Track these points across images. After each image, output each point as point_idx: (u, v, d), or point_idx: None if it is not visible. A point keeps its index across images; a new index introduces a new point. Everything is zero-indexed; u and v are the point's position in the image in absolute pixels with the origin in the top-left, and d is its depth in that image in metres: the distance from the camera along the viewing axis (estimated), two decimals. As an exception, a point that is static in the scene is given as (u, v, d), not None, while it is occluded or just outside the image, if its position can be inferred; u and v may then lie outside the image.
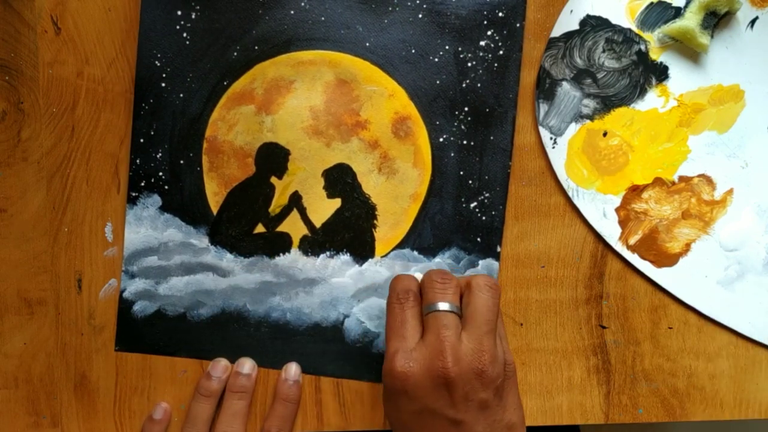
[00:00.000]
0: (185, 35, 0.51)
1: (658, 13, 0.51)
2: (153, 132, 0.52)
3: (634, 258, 0.53)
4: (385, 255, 0.53)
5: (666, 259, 0.53)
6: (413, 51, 0.52)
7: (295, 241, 0.53)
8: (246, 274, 0.53)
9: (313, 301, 0.53)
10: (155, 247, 0.53)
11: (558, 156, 0.52)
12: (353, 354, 0.53)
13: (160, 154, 0.52)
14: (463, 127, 0.52)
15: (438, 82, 0.52)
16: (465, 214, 0.53)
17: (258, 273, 0.53)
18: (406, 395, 0.43)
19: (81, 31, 0.51)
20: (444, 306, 0.45)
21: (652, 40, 0.52)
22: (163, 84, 0.52)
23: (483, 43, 0.51)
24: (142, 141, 0.52)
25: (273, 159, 0.52)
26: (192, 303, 0.53)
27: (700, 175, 0.53)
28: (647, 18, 0.51)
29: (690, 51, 0.52)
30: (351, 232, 0.53)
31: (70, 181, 0.52)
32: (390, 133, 0.52)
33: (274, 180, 0.53)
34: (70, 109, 0.52)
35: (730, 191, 0.53)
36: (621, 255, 0.53)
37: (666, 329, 0.54)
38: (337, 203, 0.53)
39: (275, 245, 0.53)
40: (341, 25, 0.51)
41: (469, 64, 0.52)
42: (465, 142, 0.52)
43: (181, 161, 0.52)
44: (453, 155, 0.52)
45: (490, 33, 0.51)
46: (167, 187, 0.53)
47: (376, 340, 0.53)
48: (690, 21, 0.50)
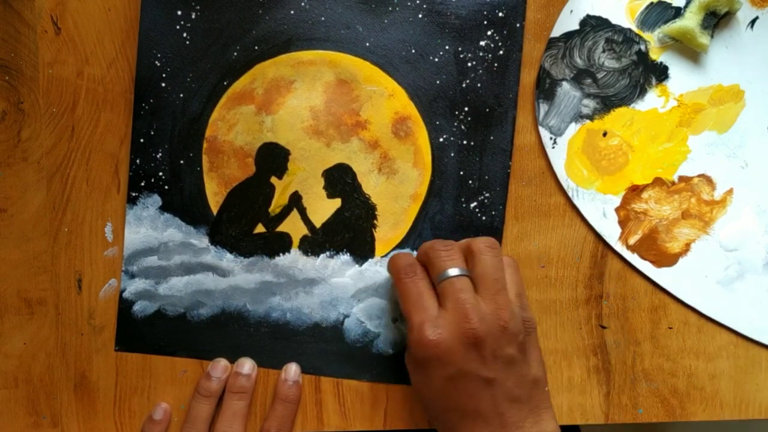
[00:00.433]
0: (185, 35, 0.51)
1: (658, 13, 0.51)
2: (153, 132, 0.52)
3: (634, 258, 0.53)
4: (385, 255, 0.53)
5: (666, 259, 0.53)
6: (413, 51, 0.52)
7: (295, 241, 0.53)
8: (246, 274, 0.53)
9: (313, 301, 0.53)
10: (155, 247, 0.53)
11: (558, 156, 0.52)
12: (353, 354, 0.53)
13: (160, 154, 0.52)
14: (463, 127, 0.52)
15: (438, 82, 0.52)
16: (465, 214, 0.53)
17: (258, 273, 0.53)
18: (438, 362, 0.45)
19: (81, 31, 0.51)
20: (455, 271, 0.46)
21: (652, 40, 0.52)
22: (163, 84, 0.52)
23: (483, 43, 0.51)
24: (142, 141, 0.52)
25: (273, 159, 0.52)
26: (192, 303, 0.53)
27: (700, 175, 0.53)
28: (647, 18, 0.51)
29: (690, 51, 0.52)
30: (351, 232, 0.53)
31: (70, 181, 0.52)
32: (390, 133, 0.52)
33: (274, 180, 0.53)
34: (70, 109, 0.52)
35: (730, 191, 0.53)
36: (621, 255, 0.53)
37: (666, 329, 0.54)
38: (337, 203, 0.53)
39: (275, 245, 0.53)
40: (341, 25, 0.51)
41: (469, 64, 0.52)
42: (465, 142, 0.52)
43: (181, 161, 0.52)
44: (453, 155, 0.52)
45: (490, 33, 0.51)
46: (167, 187, 0.53)
47: (376, 340, 0.53)
48: (690, 21, 0.50)
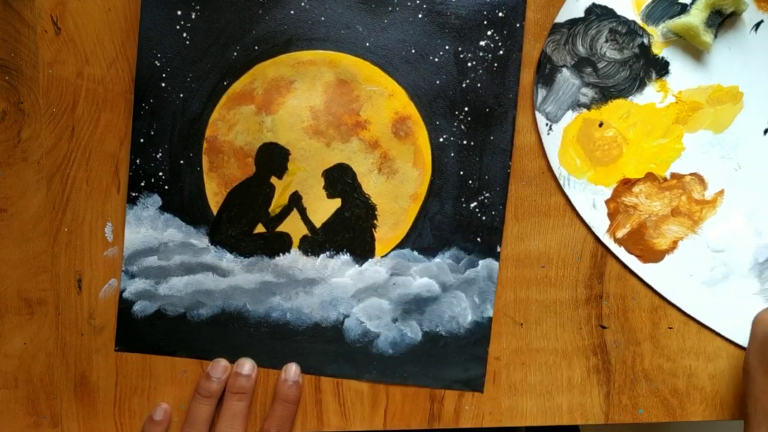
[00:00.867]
0: (185, 35, 0.51)
1: (663, 8, 0.51)
2: (153, 132, 0.52)
3: (620, 251, 0.53)
4: (385, 255, 0.53)
5: (652, 255, 0.53)
6: (413, 51, 0.52)
7: (295, 241, 0.53)
8: (246, 274, 0.53)
9: (313, 301, 0.53)
10: (155, 247, 0.53)
11: (552, 143, 0.52)
12: (353, 354, 0.53)
13: (160, 154, 0.52)
14: (463, 127, 0.52)
15: (438, 82, 0.52)
16: (465, 214, 0.53)
17: (258, 273, 0.53)
18: None
19: (81, 31, 0.51)
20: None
21: (655, 34, 0.52)
22: (163, 84, 0.52)
23: (483, 43, 0.51)
24: (142, 141, 0.52)
25: (273, 159, 0.52)
26: (192, 303, 0.53)
27: (692, 174, 0.53)
28: (653, 12, 0.51)
29: (692, 48, 0.52)
30: (351, 232, 0.53)
31: (70, 181, 0.52)
32: (390, 133, 0.52)
33: (274, 180, 0.53)
34: (70, 109, 0.52)
35: (721, 192, 0.53)
36: (607, 247, 0.53)
37: (666, 329, 0.54)
38: (337, 203, 0.53)
39: (275, 245, 0.53)
40: (341, 25, 0.51)
41: (469, 64, 0.52)
42: (465, 142, 0.52)
43: (181, 161, 0.52)
44: (453, 155, 0.52)
45: (490, 33, 0.51)
46: (167, 187, 0.53)
47: (376, 340, 0.53)
48: (695, 18, 0.50)
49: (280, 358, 0.53)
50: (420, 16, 0.51)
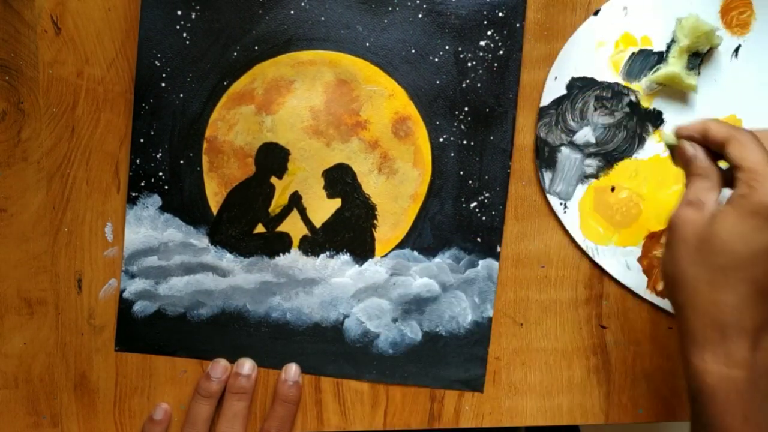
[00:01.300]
0: (185, 35, 0.51)
1: (641, 62, 0.51)
2: (153, 132, 0.52)
3: (665, 304, 0.53)
4: (385, 255, 0.53)
5: None
6: (413, 51, 0.52)
7: (295, 241, 0.53)
8: (246, 274, 0.53)
9: (313, 301, 0.53)
10: (155, 247, 0.53)
11: (571, 220, 0.52)
12: (353, 354, 0.53)
13: (160, 154, 0.52)
14: (463, 127, 0.52)
15: (438, 82, 0.52)
16: (465, 214, 0.53)
17: (258, 273, 0.53)
18: None
19: (81, 31, 0.51)
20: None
21: (640, 89, 0.52)
22: (163, 84, 0.52)
23: (483, 43, 0.51)
24: (142, 141, 0.52)
25: (273, 159, 0.52)
26: (192, 303, 0.53)
27: None
28: (632, 69, 0.52)
29: (680, 92, 0.52)
30: (351, 232, 0.53)
31: (70, 181, 0.52)
32: (390, 133, 0.52)
33: (274, 180, 0.53)
34: (70, 109, 0.52)
35: None
36: (652, 303, 0.53)
37: (666, 329, 0.54)
38: (337, 203, 0.53)
39: (275, 245, 0.53)
40: (341, 25, 0.51)
41: (469, 64, 0.52)
42: (465, 142, 0.52)
43: (181, 161, 0.52)
44: (453, 155, 0.52)
45: (490, 33, 0.51)
46: (167, 187, 0.53)
47: (376, 340, 0.53)
48: (674, 66, 0.50)
49: (280, 358, 0.53)
50: (420, 16, 0.51)
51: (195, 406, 0.52)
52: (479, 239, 0.53)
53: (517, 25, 0.51)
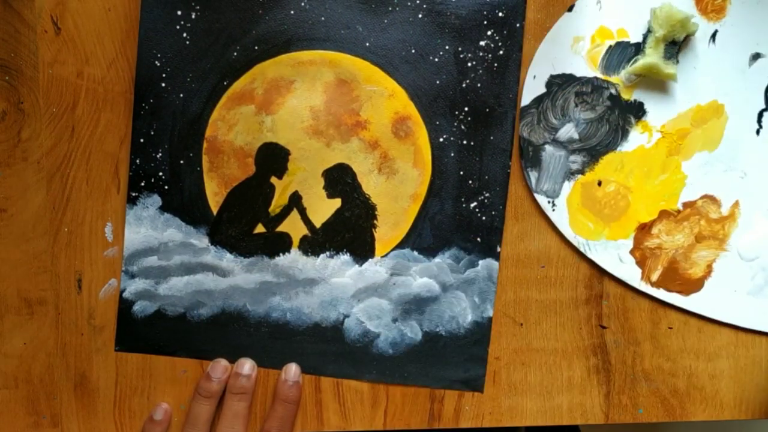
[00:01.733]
0: (185, 35, 0.51)
1: (618, 55, 0.51)
2: (153, 132, 0.52)
3: (660, 293, 0.53)
4: (385, 255, 0.53)
5: (692, 286, 0.53)
6: (413, 51, 0.52)
7: (295, 241, 0.53)
8: (246, 274, 0.53)
9: (313, 301, 0.53)
10: (155, 247, 0.53)
11: (560, 217, 0.52)
12: (353, 354, 0.53)
13: (160, 154, 0.52)
14: (463, 127, 0.52)
15: (438, 82, 0.52)
16: (465, 214, 0.53)
17: (258, 273, 0.53)
18: None
19: (81, 31, 0.51)
20: None
21: (620, 81, 0.52)
22: (163, 84, 0.52)
23: (483, 43, 0.51)
24: (142, 141, 0.52)
25: (273, 159, 0.52)
26: (192, 303, 0.53)
27: (703, 197, 0.52)
28: (609, 62, 0.51)
29: (660, 82, 0.52)
30: (351, 232, 0.53)
31: (70, 181, 0.52)
32: (390, 133, 0.52)
33: (274, 180, 0.53)
34: (70, 109, 0.52)
35: (736, 204, 0.53)
36: (648, 294, 0.53)
37: (666, 329, 0.54)
38: (337, 203, 0.53)
39: (275, 245, 0.53)
40: (341, 25, 0.51)
41: (469, 64, 0.52)
42: (465, 142, 0.52)
43: (181, 161, 0.52)
44: (453, 155, 0.52)
45: (490, 33, 0.51)
46: (167, 187, 0.53)
47: (376, 340, 0.53)
48: (651, 57, 0.50)
49: (280, 358, 0.53)
50: (420, 16, 0.51)
51: (195, 406, 0.52)
52: (479, 239, 0.53)
53: (517, 25, 0.51)
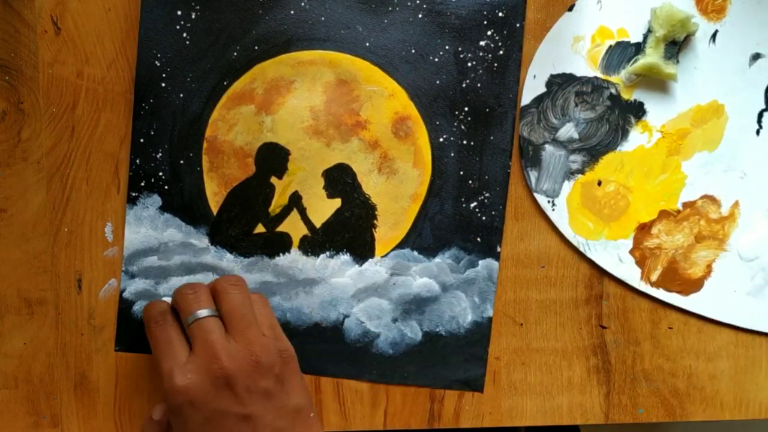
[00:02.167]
0: (185, 35, 0.51)
1: (619, 54, 0.51)
2: (153, 132, 0.52)
3: (660, 293, 0.53)
4: (385, 255, 0.53)
5: (691, 286, 0.53)
6: (413, 51, 0.52)
7: (295, 241, 0.53)
8: (246, 274, 0.53)
9: (313, 301, 0.53)
10: (155, 247, 0.53)
11: (560, 217, 0.52)
12: (353, 354, 0.53)
13: (160, 154, 0.52)
14: (463, 127, 0.52)
15: (438, 82, 0.52)
16: (465, 214, 0.53)
17: (258, 273, 0.53)
18: (192, 407, 0.45)
19: (81, 31, 0.51)
20: (202, 312, 0.46)
21: (620, 81, 0.52)
22: (163, 84, 0.52)
23: (483, 43, 0.51)
24: (142, 141, 0.52)
25: (273, 159, 0.52)
26: (192, 303, 0.53)
27: (702, 197, 0.52)
28: (610, 62, 0.52)
29: (660, 81, 0.52)
30: (351, 232, 0.53)
31: (70, 181, 0.52)
32: (390, 133, 0.52)
33: (274, 180, 0.53)
34: (70, 109, 0.52)
35: (735, 204, 0.53)
36: (647, 294, 0.53)
37: (666, 329, 0.54)
38: (337, 203, 0.53)
39: (275, 245, 0.53)
40: (341, 25, 0.51)
41: (469, 64, 0.52)
42: (465, 142, 0.52)
43: (181, 161, 0.52)
44: (453, 155, 0.52)
45: (490, 33, 0.51)
46: (167, 187, 0.53)
47: (376, 340, 0.53)
48: (652, 57, 0.50)
49: (280, 358, 0.53)
50: (420, 16, 0.51)
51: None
52: (479, 239, 0.53)
53: (517, 25, 0.51)
